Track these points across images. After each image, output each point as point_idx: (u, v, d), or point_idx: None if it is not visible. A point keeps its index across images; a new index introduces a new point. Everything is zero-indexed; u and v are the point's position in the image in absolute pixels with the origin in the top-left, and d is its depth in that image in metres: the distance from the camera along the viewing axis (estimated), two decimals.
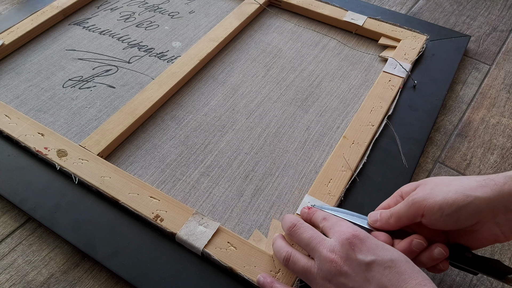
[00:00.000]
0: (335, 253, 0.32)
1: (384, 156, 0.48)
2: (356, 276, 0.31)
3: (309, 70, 0.59)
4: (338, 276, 0.32)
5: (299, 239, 0.36)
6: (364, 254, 0.31)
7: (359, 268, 0.31)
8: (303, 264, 0.34)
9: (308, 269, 0.34)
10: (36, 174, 0.45)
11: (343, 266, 0.32)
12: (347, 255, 0.32)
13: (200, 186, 0.46)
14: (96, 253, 0.40)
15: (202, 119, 0.53)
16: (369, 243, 0.32)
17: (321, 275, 0.33)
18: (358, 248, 0.32)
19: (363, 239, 0.32)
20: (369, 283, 0.30)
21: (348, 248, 0.32)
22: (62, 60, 0.60)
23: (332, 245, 0.33)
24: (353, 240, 0.32)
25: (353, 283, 0.31)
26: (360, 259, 0.31)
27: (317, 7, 0.66)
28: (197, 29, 0.65)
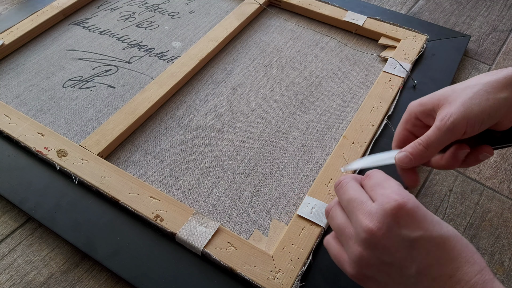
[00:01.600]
0: (374, 223, 0.27)
1: None
2: (396, 252, 0.27)
3: (309, 70, 0.59)
4: (374, 249, 0.27)
5: (340, 199, 0.31)
6: (409, 228, 0.27)
7: (401, 244, 0.27)
8: (339, 222, 0.31)
9: (343, 231, 0.30)
10: (36, 174, 0.45)
11: (382, 239, 0.27)
12: (388, 227, 0.27)
13: (200, 186, 0.46)
14: (96, 253, 0.40)
15: (202, 119, 0.53)
16: (417, 215, 0.27)
17: (355, 241, 0.29)
18: (404, 221, 0.27)
19: (410, 209, 0.27)
20: (411, 260, 0.27)
21: (390, 220, 0.27)
22: (62, 60, 0.60)
23: (372, 212, 0.28)
24: (398, 212, 0.27)
25: (392, 259, 0.27)
26: (404, 234, 0.27)
27: (317, 7, 0.66)
28: (197, 29, 0.65)
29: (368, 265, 0.28)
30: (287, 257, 0.39)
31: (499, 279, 0.40)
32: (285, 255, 0.39)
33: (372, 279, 0.29)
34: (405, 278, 0.27)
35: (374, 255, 0.28)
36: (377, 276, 0.28)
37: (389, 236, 0.27)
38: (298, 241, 0.40)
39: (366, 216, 0.28)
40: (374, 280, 0.29)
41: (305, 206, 0.42)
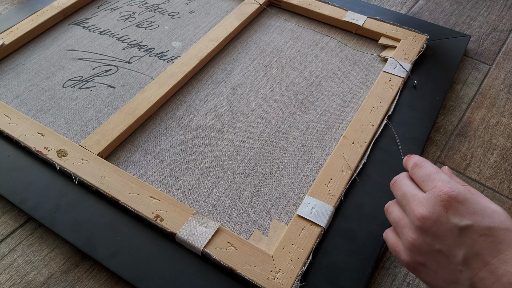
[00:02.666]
0: (426, 210, 0.30)
1: (384, 156, 0.48)
2: (445, 239, 0.29)
3: (309, 70, 0.59)
4: (425, 235, 0.29)
5: (396, 194, 0.34)
6: (459, 217, 0.28)
7: (450, 232, 0.29)
8: (395, 216, 0.33)
9: (399, 221, 0.32)
10: (36, 174, 0.45)
11: (433, 226, 0.29)
12: (439, 216, 0.29)
13: (200, 186, 0.46)
14: (96, 253, 0.40)
15: (202, 119, 0.53)
16: (467, 206, 0.29)
17: (409, 230, 0.31)
18: (453, 211, 0.29)
19: (461, 201, 0.29)
20: (459, 248, 0.28)
21: (441, 210, 0.29)
22: (62, 60, 0.60)
23: (424, 202, 0.30)
24: (449, 202, 0.29)
25: (441, 245, 0.29)
26: (454, 223, 0.28)
27: (317, 7, 0.66)
28: (197, 29, 0.65)
29: (421, 251, 0.30)
30: (287, 257, 0.39)
31: None
32: (285, 255, 0.39)
33: (423, 266, 0.30)
34: (452, 265, 0.29)
35: (426, 242, 0.29)
36: (428, 262, 0.30)
37: (440, 223, 0.29)
38: (298, 241, 0.40)
39: (418, 205, 0.30)
40: (425, 267, 0.30)
41: (305, 206, 0.42)
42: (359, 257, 0.40)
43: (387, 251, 0.42)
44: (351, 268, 0.39)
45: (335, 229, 0.42)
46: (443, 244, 0.29)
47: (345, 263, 0.39)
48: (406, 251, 0.31)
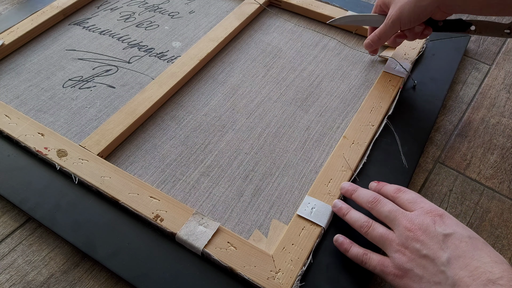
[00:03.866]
0: (414, 224, 0.34)
1: (384, 156, 0.48)
2: (431, 244, 0.33)
3: (309, 70, 0.59)
4: (414, 242, 0.33)
5: (379, 211, 0.37)
6: (444, 227, 0.33)
7: (436, 238, 0.33)
8: (381, 232, 0.36)
9: (386, 236, 0.35)
10: (36, 174, 0.45)
11: (421, 235, 0.33)
12: (426, 226, 0.34)
13: (200, 186, 0.46)
14: (96, 253, 0.40)
15: (202, 119, 0.53)
16: (451, 221, 0.34)
17: (397, 241, 0.34)
18: (439, 223, 0.34)
19: (446, 217, 0.34)
20: (443, 252, 0.32)
21: (428, 222, 0.34)
22: (62, 60, 0.60)
23: (413, 217, 0.35)
24: (436, 216, 0.34)
25: (427, 250, 0.32)
26: (439, 231, 0.33)
27: (317, 7, 0.66)
28: (197, 29, 0.65)
29: (409, 258, 0.33)
30: (287, 257, 0.39)
31: None
32: (285, 255, 0.39)
33: (410, 272, 0.33)
34: (436, 267, 0.32)
35: (414, 249, 0.33)
36: (415, 268, 0.33)
37: (428, 232, 0.33)
38: (298, 241, 0.40)
39: (408, 220, 0.35)
40: (412, 274, 0.33)
41: (305, 206, 0.42)
42: None
43: None
44: (351, 268, 0.39)
45: (335, 229, 0.42)
46: (429, 249, 0.32)
47: (345, 263, 0.39)
48: (394, 263, 0.34)
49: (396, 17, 0.49)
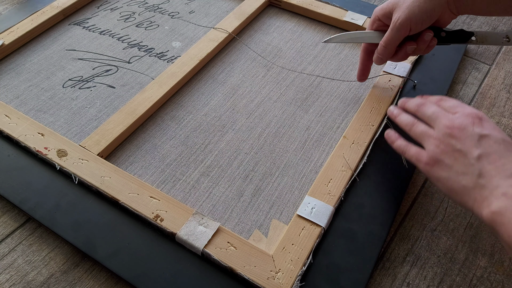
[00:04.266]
0: (454, 123, 0.37)
1: (384, 156, 0.48)
2: (467, 142, 0.35)
3: (309, 70, 0.59)
4: (450, 139, 0.36)
5: (423, 113, 0.41)
6: (481, 128, 0.36)
7: (471, 137, 0.35)
8: (423, 128, 0.39)
9: (426, 131, 0.39)
10: (36, 174, 0.45)
11: (458, 133, 0.36)
12: (465, 126, 0.36)
13: (200, 186, 0.46)
14: (96, 253, 0.40)
15: (202, 119, 0.53)
16: (489, 124, 0.37)
17: (435, 136, 0.37)
18: (477, 125, 0.36)
19: (485, 120, 0.37)
20: (476, 149, 0.35)
21: (467, 123, 0.36)
22: (62, 60, 0.60)
23: (454, 118, 0.37)
24: (476, 118, 0.37)
25: (461, 146, 0.35)
26: (476, 131, 0.36)
27: (317, 7, 0.66)
28: (197, 29, 0.65)
29: (443, 151, 0.36)
30: (287, 257, 0.39)
31: (499, 279, 0.40)
32: (285, 255, 0.39)
33: (441, 162, 0.36)
34: (467, 160, 0.35)
35: (450, 143, 0.36)
36: (446, 159, 0.36)
37: (465, 130, 0.36)
38: (298, 241, 0.40)
39: (448, 120, 0.37)
40: (442, 164, 0.36)
41: (305, 206, 0.42)
42: (359, 257, 0.40)
43: (387, 251, 0.42)
44: (351, 268, 0.39)
45: (335, 229, 0.42)
46: (464, 145, 0.35)
47: (345, 263, 0.39)
48: (429, 154, 0.37)
49: (405, 17, 0.44)
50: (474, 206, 0.34)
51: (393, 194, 0.45)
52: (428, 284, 0.40)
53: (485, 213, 0.33)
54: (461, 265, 0.41)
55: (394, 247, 0.43)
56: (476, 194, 0.34)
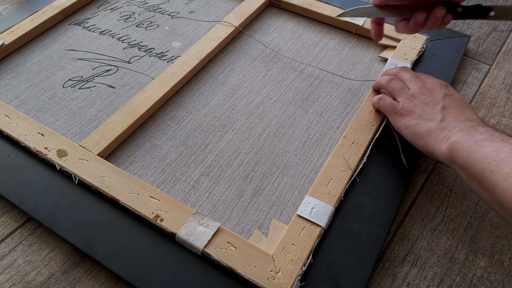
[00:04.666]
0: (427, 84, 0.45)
1: (384, 156, 0.48)
2: (434, 96, 0.44)
3: (309, 70, 0.59)
4: (422, 95, 0.44)
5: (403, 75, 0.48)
6: (447, 90, 0.44)
7: (438, 94, 0.44)
8: (401, 85, 0.47)
9: (404, 87, 0.47)
10: (36, 174, 0.45)
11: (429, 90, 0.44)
12: (435, 87, 0.45)
13: (200, 186, 0.46)
14: (96, 253, 0.40)
15: (202, 119, 0.53)
16: (452, 89, 0.45)
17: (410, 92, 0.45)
18: (444, 87, 0.45)
19: (449, 86, 0.45)
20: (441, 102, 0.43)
21: (437, 86, 0.45)
22: (62, 60, 0.60)
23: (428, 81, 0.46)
24: (444, 84, 0.45)
25: (430, 99, 0.44)
26: (444, 92, 0.44)
27: (317, 7, 0.66)
28: (197, 29, 0.65)
29: (414, 104, 0.44)
30: (287, 257, 0.39)
31: (499, 279, 0.40)
32: (285, 255, 0.39)
33: (412, 113, 0.44)
34: (434, 110, 0.43)
35: (421, 98, 0.44)
36: (417, 110, 0.44)
37: (435, 90, 0.44)
38: (298, 241, 0.40)
39: (422, 82, 0.46)
40: (413, 113, 0.44)
41: (305, 206, 0.43)
42: (359, 257, 0.40)
43: (387, 251, 0.42)
44: (351, 268, 0.39)
45: (335, 229, 0.42)
46: (432, 99, 0.44)
47: (345, 263, 0.39)
48: (403, 105, 0.45)
49: None
50: (435, 145, 0.41)
51: (393, 194, 0.45)
52: (428, 284, 0.40)
53: (445, 147, 0.39)
54: (461, 265, 0.41)
55: (394, 247, 0.43)
56: (438, 135, 0.41)
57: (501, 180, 0.34)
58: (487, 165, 0.35)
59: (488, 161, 0.35)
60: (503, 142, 0.36)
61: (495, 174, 0.34)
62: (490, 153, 0.36)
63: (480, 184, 0.36)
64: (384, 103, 0.47)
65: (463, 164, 0.37)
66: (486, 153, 0.36)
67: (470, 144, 0.37)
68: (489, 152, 0.36)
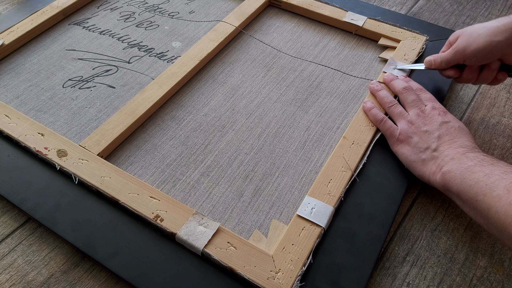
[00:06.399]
0: (424, 113, 0.47)
1: (384, 156, 0.48)
2: (432, 125, 0.45)
3: (309, 71, 0.59)
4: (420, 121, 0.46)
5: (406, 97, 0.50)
6: (443, 117, 0.46)
7: (436, 122, 0.45)
8: (401, 110, 0.49)
9: (404, 113, 0.48)
10: (36, 174, 0.45)
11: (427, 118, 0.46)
12: (432, 115, 0.46)
13: (200, 186, 0.46)
14: (96, 253, 0.40)
15: (202, 119, 0.53)
16: (450, 115, 0.46)
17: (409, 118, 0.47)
18: (442, 114, 0.46)
19: (447, 112, 0.47)
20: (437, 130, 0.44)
21: (434, 113, 0.46)
22: (62, 60, 0.60)
23: (426, 109, 0.47)
24: (440, 110, 0.47)
25: (428, 127, 0.45)
26: (440, 119, 0.45)
27: (317, 7, 0.66)
28: (197, 29, 0.65)
29: (412, 130, 0.46)
30: (287, 257, 0.39)
31: (499, 279, 0.40)
32: (285, 255, 0.39)
33: (410, 139, 0.45)
34: (430, 138, 0.44)
35: (418, 125, 0.46)
36: (414, 136, 0.45)
37: (433, 117, 0.46)
38: (298, 241, 0.40)
39: (421, 110, 0.47)
40: (410, 140, 0.45)
41: (305, 206, 0.43)
42: (359, 257, 0.40)
43: (387, 251, 0.42)
44: (351, 268, 0.39)
45: (335, 229, 0.42)
46: (429, 127, 0.45)
47: (345, 263, 0.39)
48: (402, 130, 0.46)
49: (461, 49, 0.47)
50: (430, 175, 0.42)
51: (393, 194, 0.45)
52: (428, 284, 0.40)
53: (438, 176, 0.41)
54: (461, 265, 0.41)
55: (394, 247, 0.43)
56: (432, 165, 0.42)
57: (495, 201, 0.35)
58: (480, 189, 0.37)
59: (481, 185, 0.37)
60: (493, 166, 0.38)
61: (488, 197, 0.36)
62: (481, 178, 0.37)
63: (475, 208, 0.37)
64: (384, 127, 0.48)
65: (457, 191, 0.39)
66: (478, 178, 0.37)
67: (461, 171, 0.39)
68: (480, 177, 0.37)
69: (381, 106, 0.52)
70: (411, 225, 0.44)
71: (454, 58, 0.48)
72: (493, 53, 0.45)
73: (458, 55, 0.48)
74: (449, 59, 0.49)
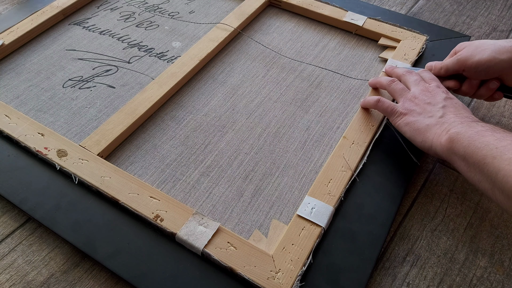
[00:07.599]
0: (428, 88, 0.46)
1: (384, 156, 0.48)
2: (435, 97, 0.44)
3: (309, 70, 0.59)
4: (423, 96, 0.45)
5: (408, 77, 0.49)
6: (447, 94, 0.45)
7: (439, 96, 0.44)
8: (402, 86, 0.48)
9: (405, 89, 0.47)
10: (36, 174, 0.45)
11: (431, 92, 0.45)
12: (437, 91, 0.45)
13: (200, 186, 0.46)
14: (96, 253, 0.40)
15: (202, 119, 0.53)
16: (453, 95, 0.45)
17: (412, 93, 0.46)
18: (445, 92, 0.45)
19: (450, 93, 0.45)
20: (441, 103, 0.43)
21: (439, 90, 0.45)
22: (62, 60, 0.60)
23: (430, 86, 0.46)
24: (443, 88, 0.46)
25: (431, 99, 0.44)
26: (444, 95, 0.44)
27: (317, 7, 0.66)
28: (197, 29, 0.65)
29: (415, 104, 0.45)
30: (287, 257, 0.39)
31: (499, 279, 0.40)
32: (285, 255, 0.39)
33: (413, 111, 0.44)
34: (434, 108, 0.43)
35: (422, 98, 0.45)
36: (417, 109, 0.44)
37: (437, 93, 0.45)
38: (298, 241, 0.40)
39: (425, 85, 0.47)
40: (413, 112, 0.44)
41: (305, 206, 0.43)
42: (359, 257, 0.40)
43: (387, 251, 0.42)
44: (351, 268, 0.39)
45: (335, 229, 0.42)
46: (433, 99, 0.44)
47: (345, 263, 0.39)
48: (403, 106, 0.45)
49: (463, 58, 0.47)
50: (433, 139, 0.41)
51: (393, 194, 0.45)
52: (428, 284, 0.40)
53: (444, 138, 0.40)
54: (461, 265, 0.41)
55: (394, 247, 0.43)
56: (437, 129, 0.41)
57: (505, 164, 0.34)
58: (489, 152, 0.35)
59: (491, 148, 0.35)
60: (505, 133, 0.37)
61: (498, 159, 0.34)
62: (492, 141, 0.36)
63: (481, 171, 0.36)
64: (383, 105, 0.47)
65: (464, 153, 0.37)
66: (488, 141, 0.36)
67: (471, 134, 0.38)
68: (491, 140, 0.36)
69: (382, 89, 0.52)
70: (411, 225, 0.44)
71: (455, 66, 0.48)
72: (494, 69, 0.45)
73: (460, 63, 0.47)
74: (449, 67, 0.49)
